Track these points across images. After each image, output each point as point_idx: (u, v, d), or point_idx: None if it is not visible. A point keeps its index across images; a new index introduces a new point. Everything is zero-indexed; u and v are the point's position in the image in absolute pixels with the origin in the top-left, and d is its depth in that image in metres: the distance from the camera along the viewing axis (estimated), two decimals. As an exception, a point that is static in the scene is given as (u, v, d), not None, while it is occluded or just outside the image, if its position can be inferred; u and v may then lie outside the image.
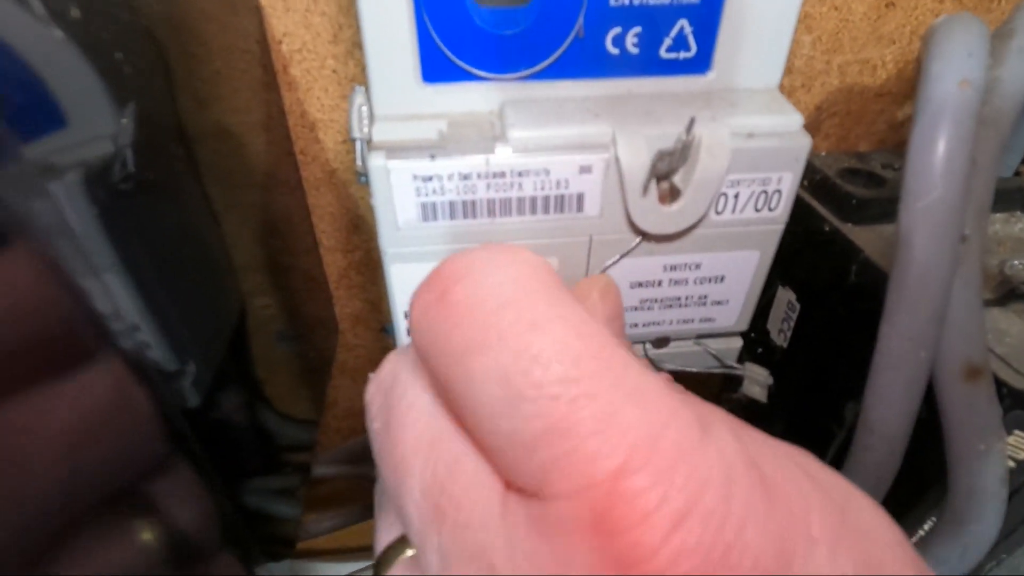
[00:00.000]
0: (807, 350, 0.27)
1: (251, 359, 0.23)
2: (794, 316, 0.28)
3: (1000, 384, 0.18)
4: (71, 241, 0.13)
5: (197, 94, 0.19)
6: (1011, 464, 0.19)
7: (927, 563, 0.19)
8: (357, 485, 0.34)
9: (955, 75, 0.14)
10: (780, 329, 0.29)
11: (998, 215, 0.25)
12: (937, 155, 0.14)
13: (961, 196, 0.15)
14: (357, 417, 0.35)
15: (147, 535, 0.15)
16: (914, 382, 0.17)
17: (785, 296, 0.28)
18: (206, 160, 0.19)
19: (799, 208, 0.26)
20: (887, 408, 0.17)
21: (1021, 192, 0.24)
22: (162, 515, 0.16)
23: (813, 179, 0.26)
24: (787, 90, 0.25)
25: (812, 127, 0.26)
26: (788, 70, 0.25)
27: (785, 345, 0.29)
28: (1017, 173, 0.25)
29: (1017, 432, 0.18)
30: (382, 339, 0.32)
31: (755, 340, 0.31)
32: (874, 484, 0.19)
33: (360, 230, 0.27)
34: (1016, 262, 0.21)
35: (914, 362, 0.16)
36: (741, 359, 0.34)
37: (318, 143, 0.24)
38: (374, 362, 0.33)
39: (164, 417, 0.15)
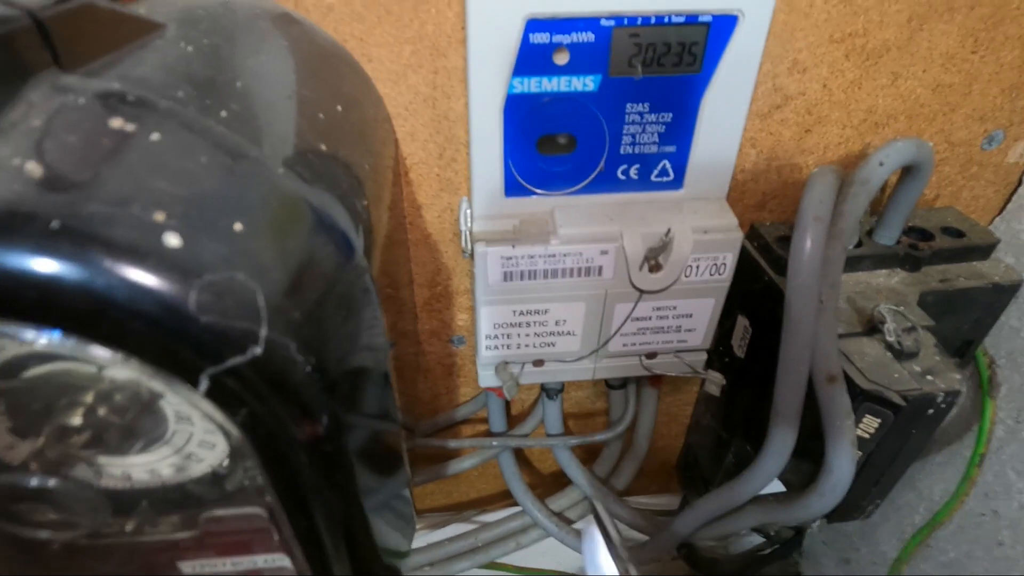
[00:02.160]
0: (756, 360, 0.39)
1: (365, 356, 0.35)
2: (748, 336, 0.39)
3: (855, 386, 0.29)
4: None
5: (373, 198, 0.30)
6: (866, 435, 0.31)
7: (812, 499, 0.31)
8: (429, 454, 0.46)
9: (811, 213, 0.26)
10: (740, 344, 0.40)
11: (882, 272, 0.36)
12: (803, 256, 0.26)
13: (816, 279, 0.26)
14: (425, 405, 0.47)
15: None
16: (798, 384, 0.28)
17: (743, 322, 0.39)
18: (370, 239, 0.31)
19: (750, 262, 0.38)
20: (783, 399, 0.29)
21: (897, 256, 0.35)
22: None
23: (760, 242, 0.38)
24: (741, 182, 0.37)
25: (759, 205, 0.38)
26: (741, 170, 0.36)
27: (743, 356, 0.40)
28: (898, 241, 0.36)
29: (868, 416, 0.30)
30: (448, 347, 0.44)
31: (723, 352, 0.43)
32: (780, 446, 0.31)
33: (441, 273, 0.39)
34: (881, 308, 0.32)
35: (796, 372, 0.28)
36: (712, 365, 0.45)
37: (421, 218, 0.36)
38: (441, 364, 0.45)
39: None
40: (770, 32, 0.31)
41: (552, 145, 0.29)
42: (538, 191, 0.30)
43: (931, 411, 0.29)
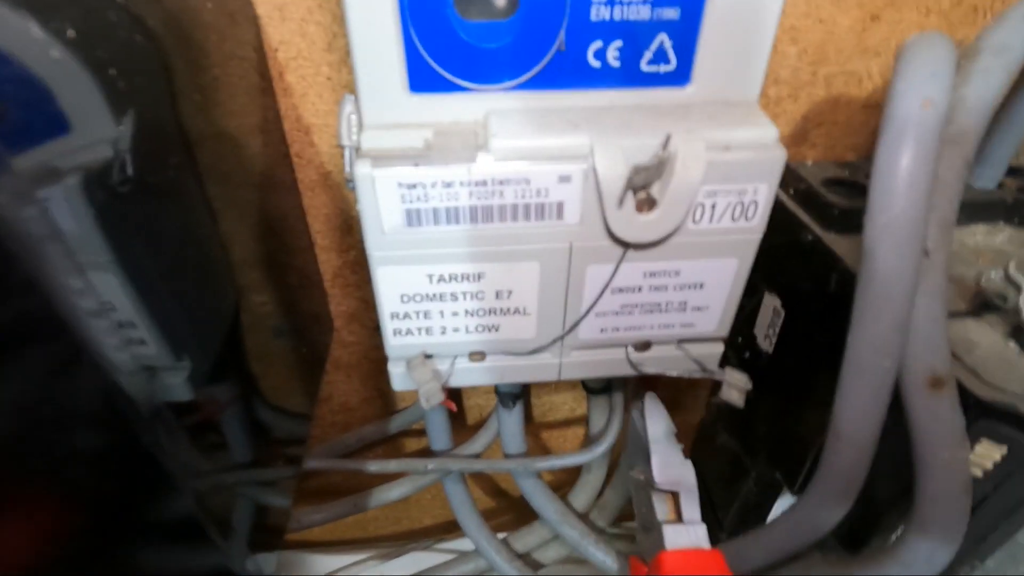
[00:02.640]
0: (792, 356, 0.28)
1: (247, 353, 0.24)
2: (779, 322, 0.28)
3: (967, 394, 0.18)
4: (60, 242, 0.14)
5: (197, 99, 0.20)
6: (979, 473, 0.19)
7: (895, 566, 0.20)
8: (349, 479, 0.35)
9: (918, 94, 0.15)
10: (766, 335, 0.29)
11: (980, 226, 0.25)
12: (899, 173, 0.15)
13: (922, 212, 0.15)
14: (351, 412, 0.36)
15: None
16: (879, 390, 0.17)
17: (771, 302, 0.28)
18: (205, 161, 0.20)
19: (784, 216, 0.26)
20: (854, 414, 0.18)
21: (1003, 204, 0.24)
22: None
23: (798, 188, 0.26)
24: (774, 100, 0.26)
25: (799, 136, 0.27)
26: (774, 80, 0.25)
27: (771, 351, 0.29)
28: (1000, 185, 0.25)
29: (985, 440, 0.19)
30: (376, 337, 0.33)
31: (742, 345, 0.32)
32: (844, 488, 0.20)
33: (354, 231, 0.28)
34: (992, 274, 0.21)
35: (879, 370, 0.17)
36: (728, 363, 0.34)
37: (313, 147, 0.25)
38: (368, 359, 0.34)
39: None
40: None
41: (481, 5, 0.18)
42: (464, 84, 0.19)
43: (1094, 436, 0.18)
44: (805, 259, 0.25)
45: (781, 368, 0.28)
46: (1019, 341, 0.19)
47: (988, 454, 0.19)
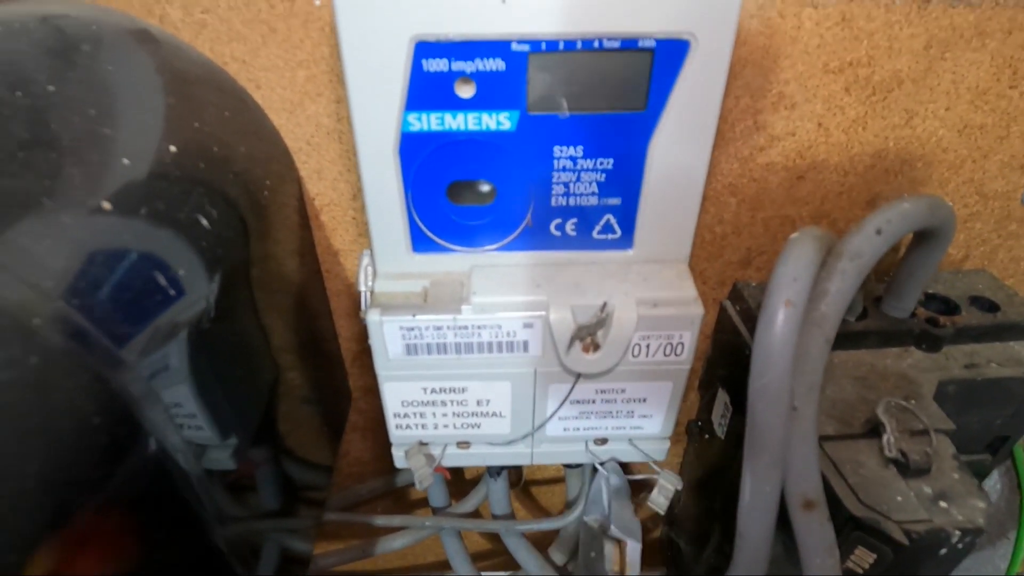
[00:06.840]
0: (737, 445, 0.32)
1: (280, 419, 0.30)
2: (728, 415, 0.33)
3: (844, 509, 0.23)
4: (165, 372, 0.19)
5: (257, 238, 0.26)
6: (860, 572, 0.24)
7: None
8: (360, 527, 0.41)
9: (781, 296, 0.20)
10: (719, 423, 0.34)
11: (892, 350, 0.29)
12: (768, 351, 0.20)
13: (788, 379, 0.20)
14: (365, 465, 0.42)
15: None
16: (764, 507, 0.22)
17: (723, 397, 0.33)
18: (256, 277, 0.26)
19: (731, 327, 0.31)
20: (747, 522, 0.23)
21: (912, 333, 0.29)
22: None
23: (742, 307, 0.31)
24: (720, 235, 0.31)
25: (744, 262, 0.32)
26: (720, 221, 0.30)
27: (723, 437, 0.34)
28: (913, 314, 0.29)
29: (860, 548, 0.23)
30: (388, 406, 0.38)
31: (703, 428, 0.36)
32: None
33: (371, 326, 0.34)
34: (886, 405, 0.26)
35: (762, 493, 0.22)
36: (692, 441, 0.39)
37: (340, 265, 0.31)
38: (380, 423, 0.40)
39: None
40: (748, 61, 0.25)
41: (469, 194, 0.23)
42: (455, 247, 0.25)
43: (944, 551, 0.22)
44: (744, 369, 0.30)
45: (729, 455, 0.33)
46: (896, 465, 0.24)
47: (864, 557, 0.23)
